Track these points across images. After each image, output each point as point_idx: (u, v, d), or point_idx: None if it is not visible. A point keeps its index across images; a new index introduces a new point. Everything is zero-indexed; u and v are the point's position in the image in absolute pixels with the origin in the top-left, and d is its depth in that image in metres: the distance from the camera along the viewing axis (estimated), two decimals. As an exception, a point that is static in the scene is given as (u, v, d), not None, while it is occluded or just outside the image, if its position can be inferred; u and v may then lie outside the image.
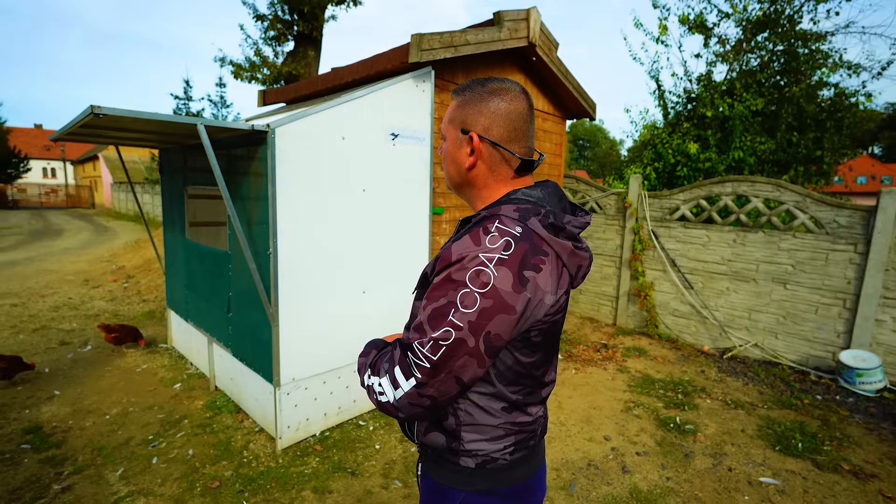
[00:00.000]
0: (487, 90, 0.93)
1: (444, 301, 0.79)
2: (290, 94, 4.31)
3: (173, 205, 3.83)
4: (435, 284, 0.82)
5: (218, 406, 3.19)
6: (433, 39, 2.93)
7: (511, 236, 0.80)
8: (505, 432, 0.92)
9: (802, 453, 2.94)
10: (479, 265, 0.77)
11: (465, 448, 0.92)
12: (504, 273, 0.77)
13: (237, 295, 2.91)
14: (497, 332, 0.78)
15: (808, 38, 5.78)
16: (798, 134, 5.72)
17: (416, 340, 0.80)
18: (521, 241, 0.80)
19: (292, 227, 2.53)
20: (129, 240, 11.99)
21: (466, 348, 0.77)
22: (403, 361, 0.82)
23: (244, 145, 2.63)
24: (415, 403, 0.82)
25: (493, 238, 0.79)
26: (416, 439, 0.99)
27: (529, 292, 0.79)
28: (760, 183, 4.61)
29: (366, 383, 0.93)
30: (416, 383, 0.80)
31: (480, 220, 0.86)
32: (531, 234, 0.82)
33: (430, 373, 0.79)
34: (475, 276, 0.77)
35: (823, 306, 4.35)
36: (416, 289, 0.96)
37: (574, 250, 0.87)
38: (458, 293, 0.77)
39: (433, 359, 0.78)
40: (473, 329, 0.77)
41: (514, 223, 0.82)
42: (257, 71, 10.03)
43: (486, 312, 0.76)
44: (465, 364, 0.79)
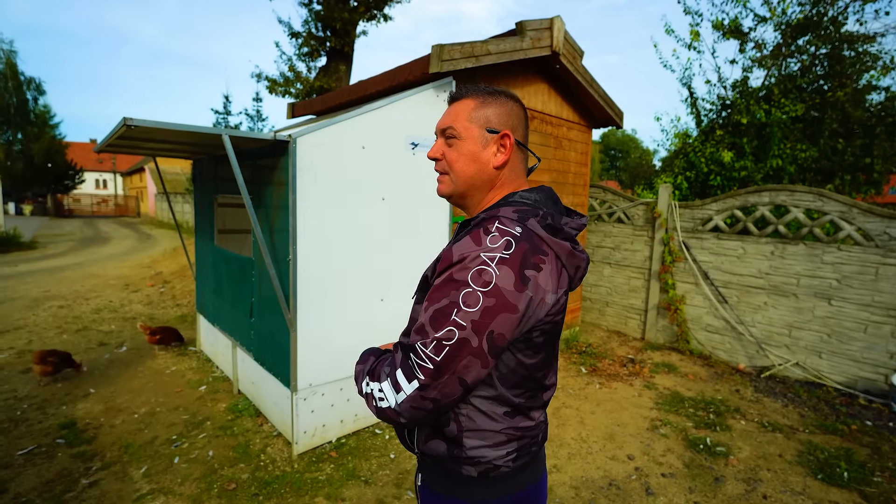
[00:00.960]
0: (504, 94, 0.98)
1: (445, 301, 0.79)
2: (317, 107, 4.43)
3: (204, 213, 3.99)
4: (436, 286, 0.82)
5: (239, 409, 3.26)
6: (454, 50, 2.96)
7: (511, 236, 0.81)
8: (507, 438, 0.91)
9: (849, 483, 2.71)
10: (480, 265, 0.77)
11: (467, 455, 0.90)
12: (506, 272, 0.77)
13: (260, 300, 2.98)
14: (500, 331, 0.78)
15: (854, 39, 5.48)
16: (844, 141, 5.40)
17: (418, 342, 0.80)
18: (522, 240, 0.81)
19: (312, 234, 2.58)
20: (168, 247, 12.58)
21: (470, 348, 0.77)
22: (405, 364, 0.82)
23: (268, 155, 2.71)
24: (417, 407, 0.81)
25: (494, 238, 0.80)
26: (415, 448, 0.97)
27: (531, 291, 0.79)
28: (801, 192, 4.36)
29: (364, 391, 0.92)
30: (419, 385, 0.79)
31: (480, 222, 0.87)
32: (531, 235, 0.83)
33: (434, 374, 0.78)
34: (477, 276, 0.77)
35: (873, 324, 4.04)
36: (416, 293, 0.95)
37: (572, 251, 0.88)
38: (460, 293, 0.77)
39: (436, 359, 0.78)
40: (477, 328, 0.76)
41: (514, 224, 0.83)
42: (291, 86, 10.42)
43: (490, 311, 0.76)
44: (469, 364, 0.78)
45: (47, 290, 7.06)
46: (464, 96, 0.98)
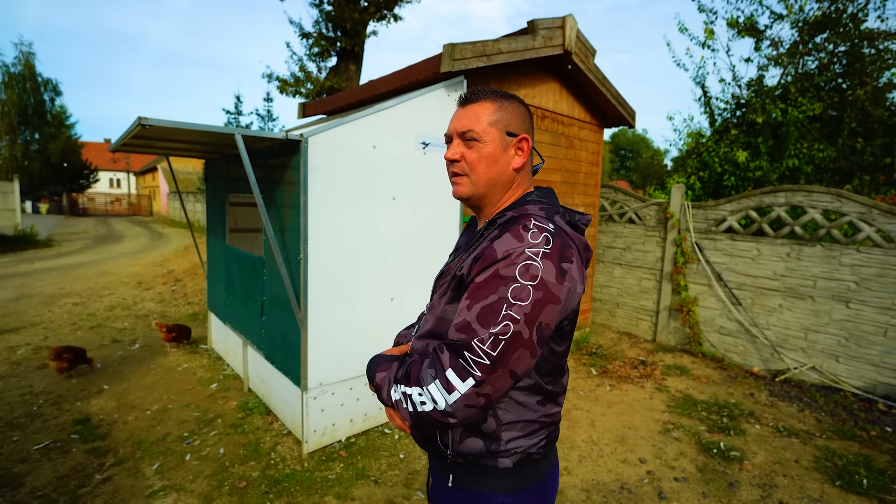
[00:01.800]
0: (517, 99, 1.02)
1: (494, 297, 0.81)
2: (328, 106, 4.44)
3: (216, 212, 4.02)
4: (479, 283, 0.84)
5: (250, 407, 3.28)
6: (465, 49, 2.94)
7: (548, 232, 0.85)
8: (540, 426, 0.96)
9: (868, 491, 2.65)
10: (526, 260, 0.81)
11: (504, 448, 0.93)
12: (549, 266, 0.81)
13: (270, 299, 3.00)
14: (547, 321, 0.82)
15: (875, 37, 5.36)
16: (863, 140, 5.28)
17: (473, 339, 0.81)
18: (556, 236, 0.86)
19: (323, 233, 2.58)
20: (180, 245, 12.73)
21: (522, 340, 0.80)
22: (457, 363, 0.82)
23: (280, 155, 2.72)
24: (471, 405, 0.82)
25: (534, 234, 0.84)
26: (449, 450, 0.97)
27: (569, 283, 0.84)
28: (818, 193, 4.27)
29: (393, 398, 0.91)
30: (475, 382, 0.80)
31: (513, 220, 0.90)
32: (561, 231, 0.89)
33: (489, 369, 0.80)
34: (525, 270, 0.80)
35: (894, 328, 3.95)
36: (446, 292, 0.95)
37: (587, 245, 0.95)
38: (508, 288, 0.80)
39: (493, 355, 0.79)
40: (528, 321, 0.80)
41: (546, 220, 0.89)
42: (301, 86, 10.49)
43: (539, 303, 0.80)
44: (520, 356, 0.81)
45: (62, 288, 7.18)
46: (480, 99, 0.99)
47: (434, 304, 0.99)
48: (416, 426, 0.89)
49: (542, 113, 4.02)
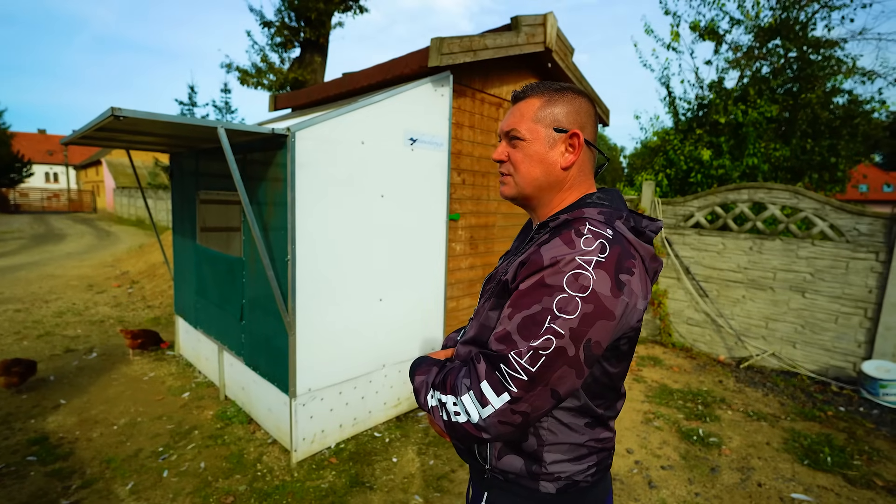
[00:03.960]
0: (572, 90, 0.93)
1: (537, 308, 0.74)
2: (302, 99, 4.26)
3: (184, 210, 3.77)
4: (523, 291, 0.77)
5: (229, 416, 3.11)
6: (453, 43, 2.89)
7: (605, 239, 0.77)
8: (588, 451, 0.87)
9: (832, 468, 2.85)
10: (576, 268, 0.73)
11: (547, 470, 0.85)
12: (602, 276, 0.73)
13: (251, 302, 2.84)
14: (597, 339, 0.74)
15: (821, 44, 5.75)
16: (812, 141, 5.67)
17: (511, 351, 0.74)
18: (615, 243, 0.77)
19: (310, 233, 2.46)
20: (133, 244, 11.93)
21: (566, 358, 0.72)
22: (493, 376, 0.75)
23: (261, 149, 2.57)
24: (505, 422, 0.75)
25: (588, 240, 0.76)
26: (487, 464, 0.91)
27: (626, 297, 0.75)
28: (777, 190, 4.55)
29: (429, 404, 0.85)
30: (511, 398, 0.74)
31: (566, 223, 0.82)
32: (621, 238, 0.79)
33: (527, 386, 0.73)
34: (573, 280, 0.72)
35: (843, 315, 4.27)
36: (490, 297, 0.89)
37: (655, 255, 0.86)
38: (554, 298, 0.73)
39: (531, 370, 0.72)
40: (575, 337, 0.72)
41: (604, 226, 0.80)
42: (263, 77, 10.04)
43: (588, 318, 0.72)
44: (564, 375, 0.73)
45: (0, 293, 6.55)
46: (528, 95, 0.94)
47: (479, 309, 0.94)
48: (451, 436, 0.84)
49: (523, 110, 4.03)
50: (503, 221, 3.99)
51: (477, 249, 3.74)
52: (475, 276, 3.76)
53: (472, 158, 3.55)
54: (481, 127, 3.60)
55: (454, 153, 3.34)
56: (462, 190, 3.49)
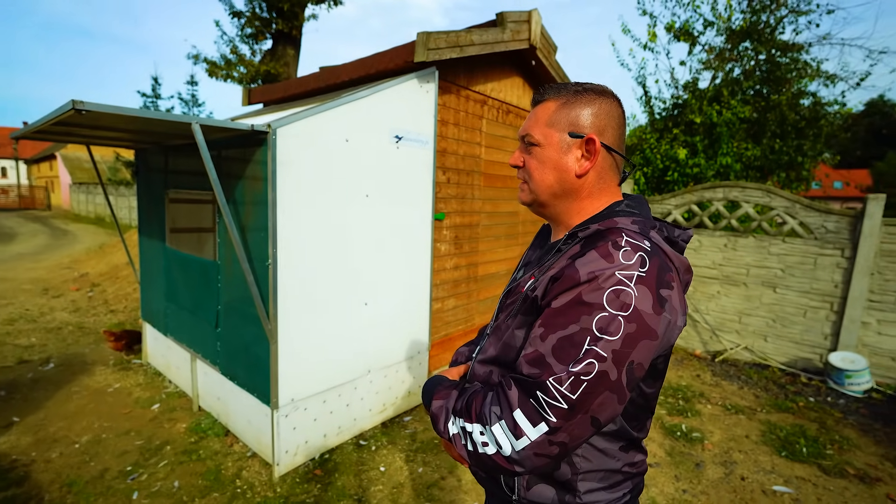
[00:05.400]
0: (594, 90, 0.86)
1: (575, 328, 0.68)
2: (278, 93, 4.08)
3: (151, 209, 3.54)
4: (557, 309, 0.71)
5: (203, 429, 2.94)
6: (439, 38, 2.80)
7: (644, 251, 0.71)
8: (623, 477, 0.83)
9: (808, 458, 2.95)
10: (617, 284, 0.67)
11: (582, 501, 0.80)
12: (644, 293, 0.68)
13: (227, 308, 2.68)
14: (640, 360, 0.68)
15: (788, 48, 5.96)
16: (781, 141, 5.88)
17: (549, 378, 0.67)
18: (653, 255, 0.72)
19: (293, 235, 2.34)
20: (92, 244, 11.28)
21: (608, 382, 0.66)
22: (528, 404, 0.68)
23: (238, 146, 2.42)
24: (542, 454, 0.68)
25: (627, 253, 0.70)
26: (514, 495, 0.85)
27: (668, 313, 0.70)
28: (751, 189, 4.68)
29: (451, 431, 0.78)
30: (549, 429, 0.67)
31: (599, 234, 0.76)
32: (658, 249, 0.74)
33: (567, 415, 0.66)
34: (614, 297, 0.67)
35: (811, 309, 4.45)
36: (516, 314, 0.82)
37: (689, 266, 0.82)
38: (593, 318, 0.67)
39: (572, 398, 0.66)
40: (618, 359, 0.66)
41: (640, 237, 0.74)
42: (233, 69, 9.64)
43: (631, 339, 0.66)
44: (605, 401, 0.67)
45: (-58, 299, 6.04)
46: (545, 98, 0.88)
47: (500, 324, 0.87)
48: (475, 466, 0.77)
49: (507, 108, 3.99)
50: (487, 221, 3.94)
51: (462, 249, 3.67)
52: (460, 277, 3.70)
53: (457, 157, 3.48)
54: (466, 125, 3.53)
55: (439, 151, 3.26)
56: (447, 189, 3.42)
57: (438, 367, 3.60)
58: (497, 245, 4.13)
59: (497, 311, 0.93)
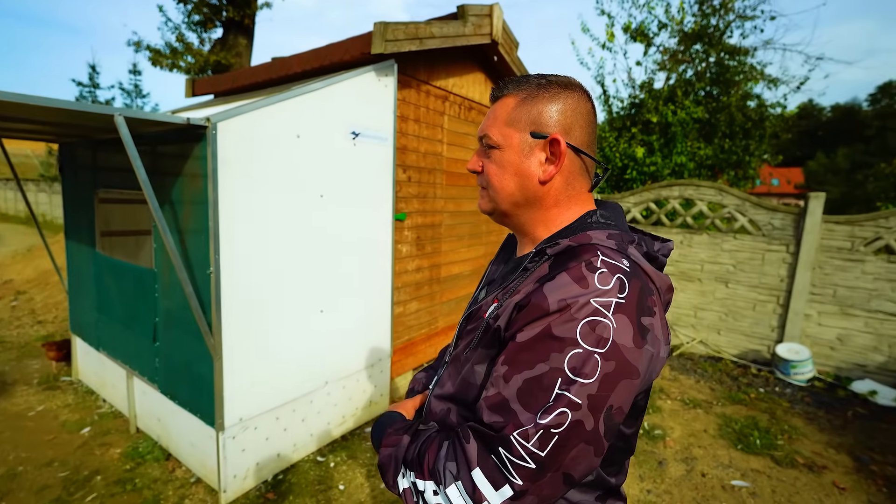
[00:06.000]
0: (559, 83, 0.74)
1: (543, 368, 0.57)
2: (226, 84, 3.79)
3: (79, 211, 3.19)
4: (523, 344, 0.60)
5: (141, 453, 2.66)
6: (398, 30, 2.65)
7: (622, 273, 0.61)
8: None
9: (761, 450, 3.05)
10: (592, 314, 0.57)
11: None
12: (623, 323, 0.58)
13: (166, 320, 2.44)
14: (620, 404, 0.58)
15: (736, 51, 6.22)
16: (730, 141, 6.14)
17: (513, 430, 0.56)
18: (633, 277, 0.62)
19: (238, 238, 2.13)
20: (20, 248, 10.27)
21: (584, 433, 0.56)
22: (488, 462, 0.58)
23: (175, 141, 2.18)
24: None
25: (603, 276, 0.60)
26: None
27: (651, 345, 0.61)
28: (704, 187, 4.83)
29: (400, 486, 0.66)
30: (514, 493, 0.56)
31: (571, 253, 0.66)
32: (637, 269, 0.64)
33: (535, 475, 0.56)
34: (589, 330, 0.57)
35: (760, 303, 4.65)
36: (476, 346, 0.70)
37: (671, 285, 0.72)
38: (565, 356, 0.57)
39: (541, 455, 0.55)
40: (594, 405, 0.56)
41: (618, 255, 0.64)
42: (180, 58, 9.03)
43: (609, 380, 0.56)
44: (580, 455, 0.57)
45: None
46: (504, 93, 0.77)
47: (459, 354, 0.76)
48: None
49: (469, 104, 3.89)
50: (450, 220, 3.84)
51: (424, 250, 3.55)
52: (422, 279, 3.58)
53: (417, 154, 3.34)
54: (427, 121, 3.40)
55: (399, 148, 3.12)
56: (408, 188, 3.28)
57: (401, 373, 3.47)
58: (460, 245, 4.03)
59: (456, 337, 0.81)
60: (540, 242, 0.74)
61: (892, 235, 4.00)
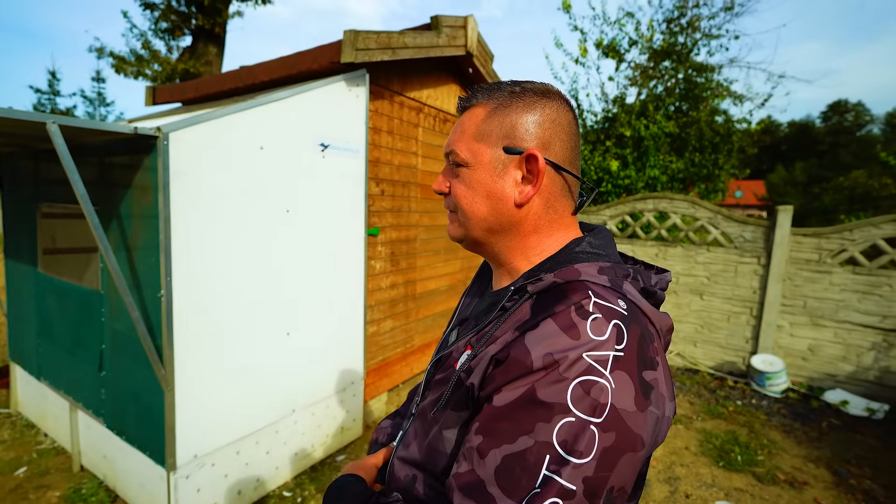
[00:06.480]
0: (535, 91, 0.63)
1: (528, 443, 0.46)
2: (188, 93, 3.60)
3: (19, 226, 2.93)
4: (502, 409, 0.49)
5: (84, 496, 2.40)
6: (369, 38, 2.56)
7: (619, 317, 0.51)
8: None
9: (743, 467, 3.01)
10: (585, 373, 0.47)
11: None
12: (623, 382, 0.47)
13: (114, 347, 2.22)
14: (622, 484, 0.47)
15: (703, 68, 6.41)
16: (700, 155, 6.29)
17: None
18: (631, 322, 0.51)
19: (194, 258, 1.96)
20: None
21: None
22: None
23: (125, 152, 2.01)
24: None
25: (598, 323, 0.49)
26: None
27: (655, 406, 0.50)
28: (678, 200, 4.89)
29: None
30: None
31: (558, 293, 0.55)
32: (636, 311, 0.54)
33: None
34: (583, 394, 0.46)
35: (734, 314, 4.70)
36: (445, 405, 0.58)
37: (671, 326, 0.61)
38: (554, 426, 0.46)
39: None
40: (592, 490, 0.45)
41: (613, 295, 0.54)
42: (146, 66, 8.72)
43: (609, 456, 0.46)
44: None
45: None
46: (473, 103, 0.67)
47: (426, 409, 0.64)
48: None
49: (444, 116, 3.82)
50: (426, 234, 3.73)
51: (398, 266, 3.42)
52: (397, 296, 3.44)
53: (391, 167, 3.23)
54: (401, 133, 3.30)
55: (372, 161, 3.00)
56: (381, 201, 3.16)
57: (375, 395, 3.30)
58: (436, 260, 3.92)
59: (424, 385, 0.70)
60: (519, 276, 0.64)
61: (856, 247, 4.11)
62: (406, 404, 0.86)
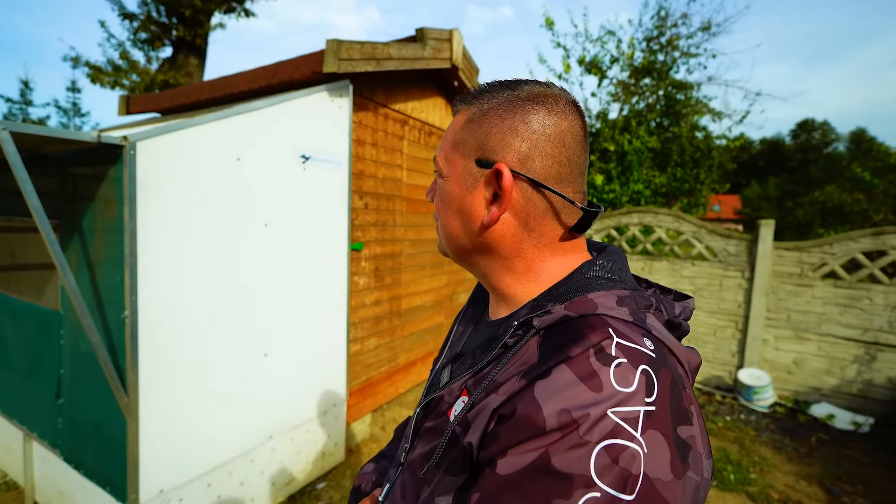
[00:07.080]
0: (525, 94, 0.53)
1: None
2: (164, 103, 3.48)
3: (-25, 241, 2.74)
4: (508, 479, 0.40)
5: (37, 535, 2.20)
6: (353, 48, 2.50)
7: (647, 361, 0.42)
8: None
9: (736, 487, 2.95)
10: (611, 436, 0.38)
11: None
12: (657, 444, 0.39)
13: (73, 372, 2.05)
14: None
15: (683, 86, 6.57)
16: (682, 170, 6.39)
17: None
18: (661, 366, 0.43)
19: (162, 276, 1.83)
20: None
21: None
22: None
23: (88, 163, 1.88)
24: None
25: (623, 370, 0.41)
26: None
27: (694, 471, 0.41)
28: (662, 214, 4.92)
29: None
30: None
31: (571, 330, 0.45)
32: (664, 351, 0.45)
33: None
34: (609, 462, 0.37)
35: (720, 328, 4.71)
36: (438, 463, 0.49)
37: (699, 362, 0.52)
38: (574, 502, 0.36)
39: None
40: None
41: (637, 332, 0.45)
42: (124, 76, 8.53)
43: None
44: None
45: None
46: (460, 108, 0.59)
47: (414, 463, 0.54)
48: None
49: (429, 129, 3.77)
50: (411, 249, 3.64)
51: (383, 282, 3.32)
52: (381, 312, 3.33)
53: (375, 180, 3.15)
54: (386, 145, 3.23)
55: (356, 174, 2.92)
56: (365, 215, 3.07)
57: (359, 416, 3.15)
58: (422, 275, 3.83)
59: (413, 432, 0.60)
60: (523, 306, 0.54)
61: (836, 261, 4.17)
62: (392, 444, 0.76)
